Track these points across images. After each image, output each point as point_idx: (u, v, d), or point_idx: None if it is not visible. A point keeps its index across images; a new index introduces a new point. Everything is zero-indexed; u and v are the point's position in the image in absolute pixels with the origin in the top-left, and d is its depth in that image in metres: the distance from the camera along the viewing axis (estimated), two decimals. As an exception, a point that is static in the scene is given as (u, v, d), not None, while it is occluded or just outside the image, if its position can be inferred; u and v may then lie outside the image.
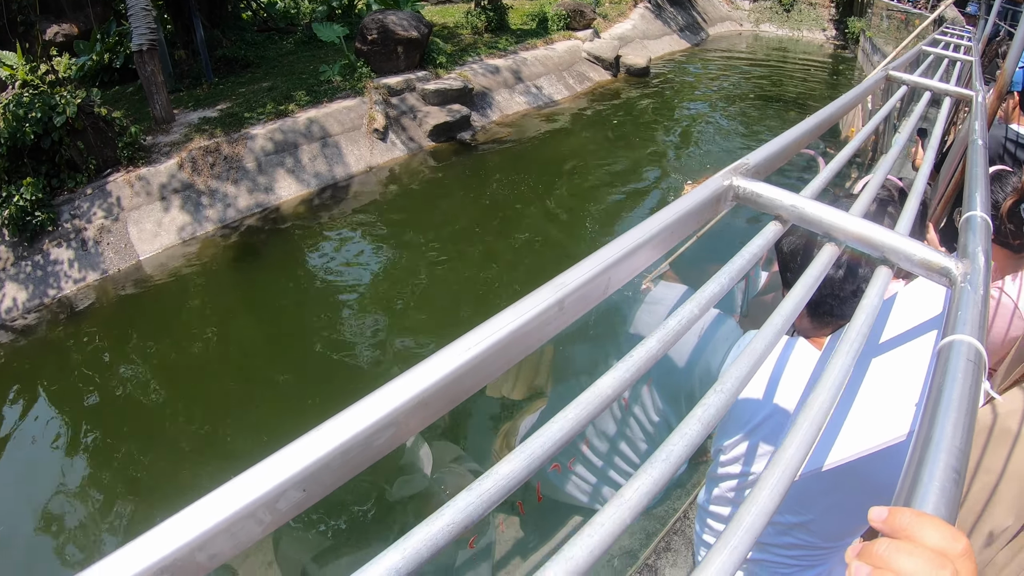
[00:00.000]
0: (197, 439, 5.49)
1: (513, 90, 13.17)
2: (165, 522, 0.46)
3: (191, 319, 7.24)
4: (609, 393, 0.61)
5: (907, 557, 0.51)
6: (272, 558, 2.20)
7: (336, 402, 3.20)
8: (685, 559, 2.24)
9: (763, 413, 1.55)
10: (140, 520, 4.76)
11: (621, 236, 0.78)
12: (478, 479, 0.52)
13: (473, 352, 0.58)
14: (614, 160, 10.70)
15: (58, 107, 7.98)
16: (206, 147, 9.07)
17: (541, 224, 8.65)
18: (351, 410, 0.53)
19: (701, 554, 2.00)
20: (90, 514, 4.87)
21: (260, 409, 5.75)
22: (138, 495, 4.99)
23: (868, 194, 1.23)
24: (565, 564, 0.48)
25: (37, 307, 7.38)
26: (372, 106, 10.76)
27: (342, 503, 2.22)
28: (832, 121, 1.61)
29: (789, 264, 1.59)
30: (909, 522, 0.53)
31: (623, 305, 2.25)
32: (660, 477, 0.55)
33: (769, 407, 1.52)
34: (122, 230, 8.15)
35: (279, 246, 8.37)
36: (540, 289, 0.66)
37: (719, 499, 1.80)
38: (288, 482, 0.49)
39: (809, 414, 0.67)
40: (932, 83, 2.52)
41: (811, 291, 0.88)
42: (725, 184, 1.01)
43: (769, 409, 1.53)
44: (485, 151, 11.09)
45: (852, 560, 0.55)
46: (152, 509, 4.84)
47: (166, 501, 4.84)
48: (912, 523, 0.52)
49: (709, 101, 14.65)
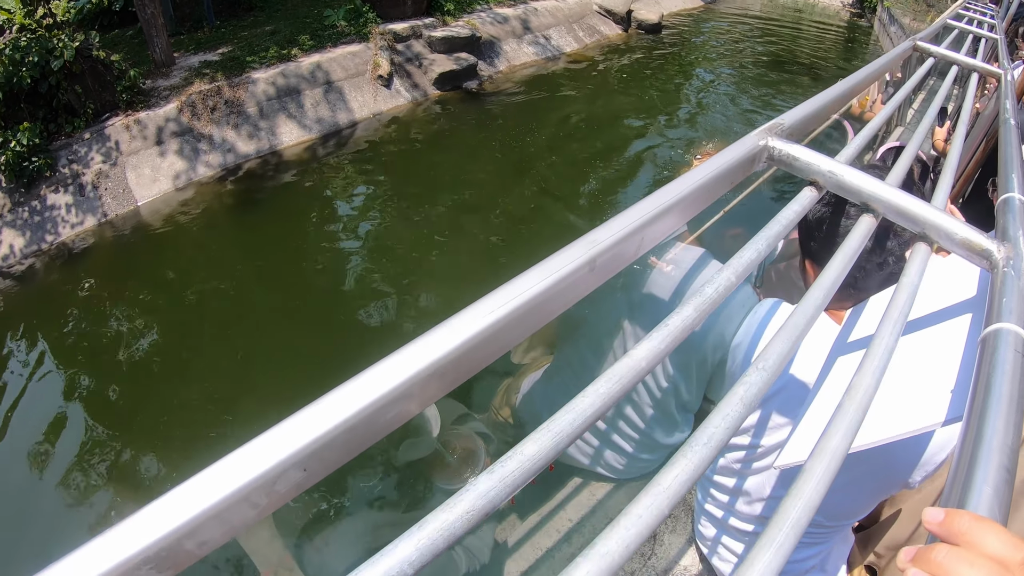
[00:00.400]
0: (193, 390, 5.45)
1: (521, 40, 12.91)
2: (148, 506, 0.41)
3: (189, 265, 7.15)
4: (644, 365, 0.56)
5: (968, 567, 0.47)
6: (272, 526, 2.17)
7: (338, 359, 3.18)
8: (684, 525, 2.22)
9: (777, 385, 1.51)
10: (129, 472, 4.76)
11: (654, 194, 0.73)
12: (500, 460, 0.47)
13: (496, 315, 0.52)
14: (622, 117, 10.52)
15: (56, 51, 7.79)
16: (206, 91, 8.90)
17: (547, 180, 8.52)
18: (357, 380, 0.47)
19: (701, 523, 1.98)
20: (80, 464, 4.85)
21: (258, 362, 5.69)
22: (131, 445, 4.96)
23: (903, 165, 1.17)
24: (599, 561, 0.42)
25: (35, 253, 7.32)
26: (377, 52, 10.54)
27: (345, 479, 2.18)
28: (862, 87, 1.56)
29: (814, 232, 1.53)
30: (968, 527, 0.49)
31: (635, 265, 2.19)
32: (701, 463, 0.50)
33: (783, 378, 1.48)
34: (120, 175, 8.03)
35: (280, 192, 8.25)
36: (570, 247, 0.60)
37: (724, 469, 1.77)
38: (287, 461, 0.44)
39: (855, 397, 0.63)
40: (960, 57, 2.46)
41: (850, 263, 0.84)
42: (760, 144, 0.95)
43: (783, 381, 1.48)
44: (491, 101, 10.88)
45: (907, 565, 0.51)
46: (147, 462, 4.83)
47: (161, 455, 4.83)
48: (971, 528, 0.49)
49: (720, 61, 14.38)
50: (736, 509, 1.77)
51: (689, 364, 2.11)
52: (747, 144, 0.93)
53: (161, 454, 4.83)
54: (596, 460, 2.45)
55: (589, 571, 0.42)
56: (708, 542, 1.96)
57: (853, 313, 1.28)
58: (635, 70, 12.82)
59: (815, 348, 1.40)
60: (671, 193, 0.73)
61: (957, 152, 1.45)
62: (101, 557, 0.38)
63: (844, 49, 16.43)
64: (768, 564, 0.46)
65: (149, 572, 0.40)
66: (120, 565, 0.38)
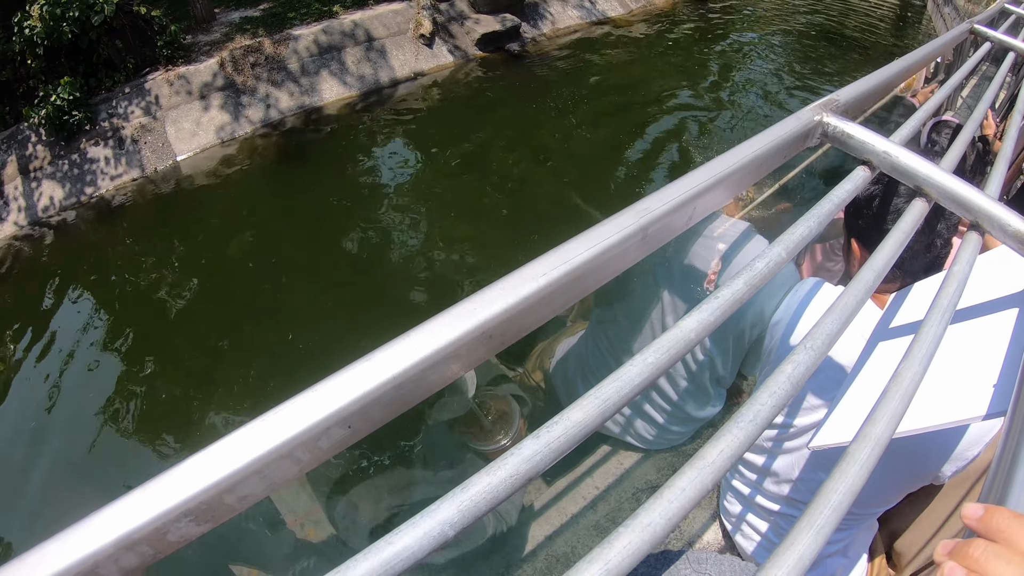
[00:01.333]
0: (230, 348, 5.54)
1: (567, 3, 12.71)
2: (188, 460, 0.41)
3: (229, 221, 7.22)
4: (692, 337, 0.55)
5: (1005, 564, 0.47)
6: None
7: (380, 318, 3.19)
8: (710, 500, 2.22)
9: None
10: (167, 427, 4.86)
11: (707, 164, 0.71)
12: (546, 425, 0.46)
13: (548, 278, 0.52)
14: (665, 87, 10.32)
15: (96, 6, 7.84)
16: (248, 46, 8.92)
17: (588, 148, 8.41)
18: (405, 339, 0.47)
19: (728, 499, 1.97)
20: (119, 417, 4.98)
21: (302, 319, 5.73)
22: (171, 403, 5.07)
23: (957, 150, 1.14)
24: (642, 532, 0.42)
25: (73, 205, 7.44)
26: (420, 10, 10.46)
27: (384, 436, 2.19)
28: (917, 68, 1.52)
29: (863, 211, 1.50)
30: (1008, 524, 0.49)
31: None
32: (747, 438, 0.49)
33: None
34: (160, 129, 8.11)
35: (321, 148, 8.28)
36: (622, 213, 0.59)
37: (755, 447, 1.76)
38: (332, 418, 0.44)
39: (901, 384, 0.62)
40: (1018, 44, 2.38)
41: (902, 247, 0.82)
42: (815, 119, 0.92)
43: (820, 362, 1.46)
44: (535, 64, 10.74)
45: (944, 559, 0.51)
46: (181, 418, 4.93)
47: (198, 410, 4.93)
48: (1011, 525, 0.49)
49: (769, 32, 14.04)
50: (763, 488, 1.77)
51: (726, 338, 2.10)
52: (802, 119, 0.91)
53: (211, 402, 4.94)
54: (626, 429, 2.45)
55: (631, 541, 0.41)
56: (733, 519, 1.95)
57: (896, 299, 1.26)
58: (681, 38, 12.57)
59: (855, 332, 1.38)
60: (724, 165, 0.72)
61: (1012, 142, 1.40)
62: (141, 508, 0.39)
63: (895, 28, 15.97)
64: (808, 546, 0.46)
65: (188, 524, 0.41)
66: (159, 517, 0.39)
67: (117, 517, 0.38)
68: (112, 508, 0.39)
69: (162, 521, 0.39)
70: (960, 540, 0.51)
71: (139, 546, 0.39)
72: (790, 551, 0.45)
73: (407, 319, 0.48)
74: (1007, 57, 2.42)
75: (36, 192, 7.45)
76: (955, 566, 0.49)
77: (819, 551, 0.46)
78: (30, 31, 7.59)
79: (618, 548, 0.41)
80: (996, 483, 0.54)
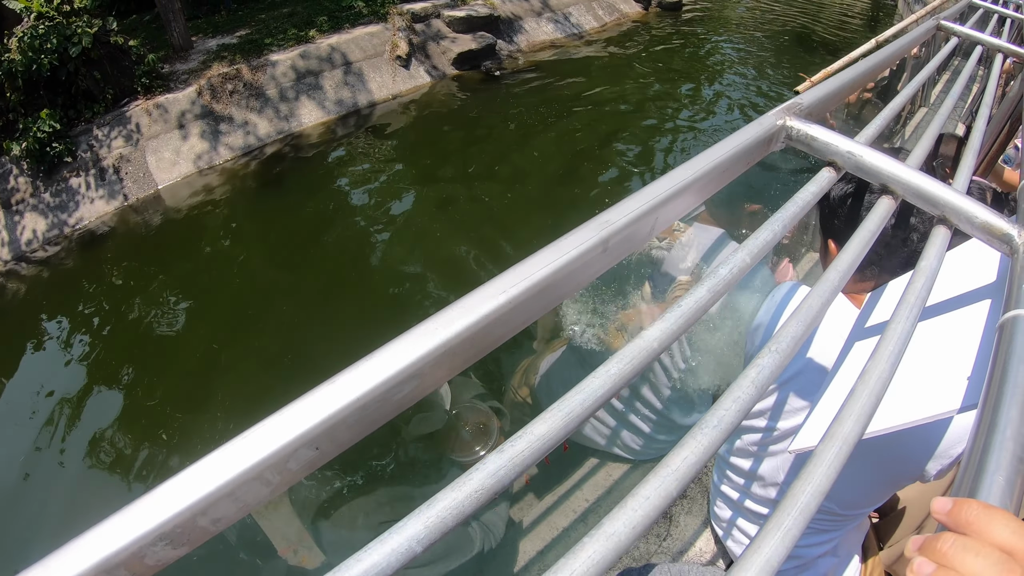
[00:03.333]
0: (217, 372, 5.52)
1: (540, 18, 12.80)
2: (163, 485, 0.42)
3: (211, 248, 7.20)
4: (656, 346, 0.55)
5: (974, 556, 0.46)
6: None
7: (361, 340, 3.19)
8: (701, 507, 2.23)
9: (794, 368, 1.50)
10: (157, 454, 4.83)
11: (668, 174, 0.72)
12: (510, 440, 0.47)
13: (508, 295, 0.52)
14: (640, 98, 10.41)
15: (74, 37, 7.86)
16: (225, 74, 8.93)
17: (565, 161, 8.46)
18: (369, 360, 0.47)
19: (717, 504, 1.98)
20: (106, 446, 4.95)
21: (282, 344, 5.73)
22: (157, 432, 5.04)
23: (924, 146, 1.15)
24: (606, 542, 0.42)
25: (56, 238, 7.41)
26: (396, 32, 10.52)
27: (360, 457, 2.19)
28: (883, 67, 1.53)
29: (836, 211, 1.51)
30: (976, 516, 0.48)
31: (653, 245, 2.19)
32: (711, 445, 0.50)
33: (801, 362, 1.47)
34: (140, 159, 8.10)
35: (301, 174, 8.29)
36: (582, 227, 0.60)
37: (741, 451, 1.77)
38: (299, 440, 0.44)
39: (868, 383, 0.62)
40: (985, 37, 2.41)
41: (868, 245, 0.83)
42: (778, 124, 0.94)
43: (801, 364, 1.47)
44: (511, 81, 10.81)
45: (913, 554, 0.50)
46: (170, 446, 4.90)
47: (185, 438, 4.90)
48: (980, 517, 0.48)
49: (740, 40, 14.20)
50: (751, 492, 1.77)
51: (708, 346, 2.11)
52: (764, 124, 0.92)
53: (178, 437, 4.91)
54: (613, 441, 2.46)
55: (595, 551, 0.42)
56: (723, 524, 1.96)
57: (872, 297, 1.27)
58: (654, 49, 12.70)
59: (834, 332, 1.39)
60: (685, 173, 0.73)
61: (980, 134, 1.42)
62: (118, 533, 0.39)
63: (867, 29, 16.15)
64: (775, 549, 0.45)
65: (164, 548, 0.41)
66: (136, 540, 0.39)
67: (95, 542, 0.39)
68: (91, 534, 0.39)
69: (139, 545, 0.39)
70: (929, 535, 0.50)
71: (117, 570, 0.39)
72: (757, 554, 0.45)
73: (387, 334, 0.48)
74: (975, 51, 2.45)
75: (19, 225, 7.40)
76: (924, 561, 0.48)
77: (787, 553, 0.46)
78: (8, 64, 7.59)
79: (583, 559, 0.41)
80: (967, 475, 0.54)
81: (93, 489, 4.66)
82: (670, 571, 0.83)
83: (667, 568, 0.84)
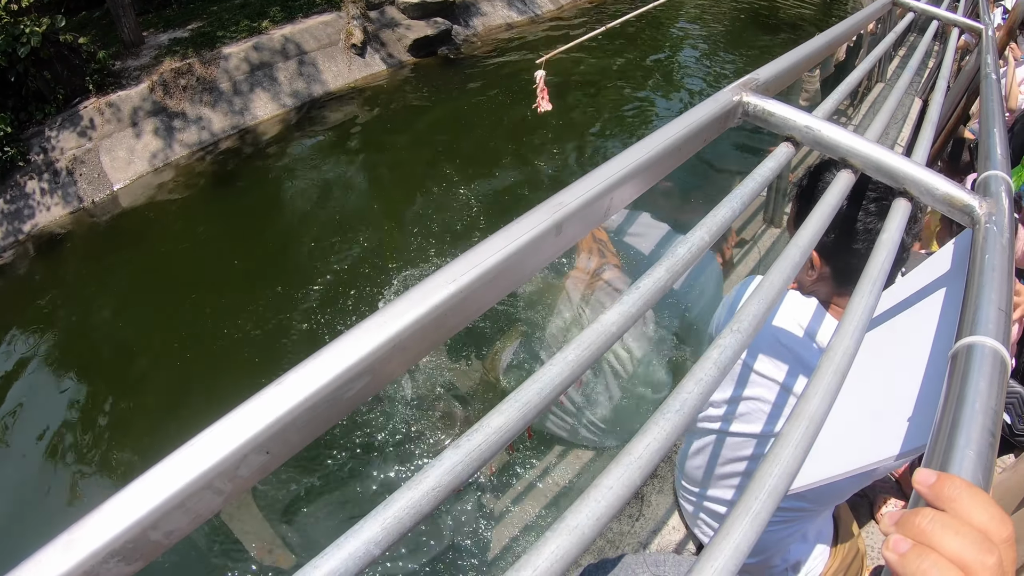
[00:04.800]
0: (177, 373, 5.44)
1: (496, 2, 12.73)
2: (110, 500, 0.40)
3: (170, 247, 7.09)
4: (614, 330, 0.54)
5: (953, 535, 0.45)
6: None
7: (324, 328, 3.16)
8: (671, 485, 2.23)
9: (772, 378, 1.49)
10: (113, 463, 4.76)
11: (623, 153, 0.71)
12: (466, 434, 0.45)
13: (459, 284, 0.50)
14: (600, 78, 10.42)
15: (22, 37, 7.65)
16: (178, 69, 8.76)
17: (525, 146, 8.43)
18: (317, 358, 0.46)
19: (682, 496, 1.97)
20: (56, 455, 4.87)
21: (242, 344, 5.66)
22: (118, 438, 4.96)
23: (883, 119, 1.16)
24: (570, 535, 0.41)
25: (13, 244, 7.25)
26: (350, 20, 10.38)
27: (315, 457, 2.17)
28: (839, 42, 1.54)
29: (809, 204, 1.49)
30: (958, 494, 0.47)
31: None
32: (674, 430, 0.49)
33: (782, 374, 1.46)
34: (95, 159, 7.93)
35: (256, 168, 8.18)
36: (535, 210, 0.58)
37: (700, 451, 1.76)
38: (248, 445, 0.42)
39: (834, 360, 0.62)
40: (940, 12, 2.44)
41: (829, 220, 0.83)
42: (734, 100, 0.93)
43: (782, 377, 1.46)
44: (468, 65, 10.74)
45: (890, 529, 0.49)
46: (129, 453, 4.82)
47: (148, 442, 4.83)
48: (961, 495, 0.47)
49: (699, 18, 14.24)
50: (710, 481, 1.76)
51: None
52: (720, 100, 0.91)
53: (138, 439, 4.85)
54: (574, 435, 2.47)
55: (559, 546, 0.41)
56: (690, 514, 1.96)
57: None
58: (612, 31, 12.68)
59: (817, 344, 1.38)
60: (639, 152, 0.72)
61: (937, 107, 1.44)
62: (67, 553, 0.38)
63: (823, 6, 16.28)
64: (744, 533, 0.45)
65: (118, 564, 0.39)
66: (87, 560, 0.38)
67: (44, 563, 0.37)
68: (40, 555, 0.37)
69: (91, 564, 0.38)
70: (907, 510, 0.50)
71: (73, 590, 0.37)
72: (726, 539, 0.44)
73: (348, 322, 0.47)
74: (930, 26, 2.48)
75: (-28, 233, 7.23)
76: (900, 538, 0.47)
77: (756, 537, 0.45)
78: (-43, 68, 7.37)
79: (546, 554, 0.40)
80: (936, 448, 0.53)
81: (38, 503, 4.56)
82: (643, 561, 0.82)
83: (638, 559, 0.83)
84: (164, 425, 4.85)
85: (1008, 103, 3.99)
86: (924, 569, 0.44)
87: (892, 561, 0.46)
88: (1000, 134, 1.15)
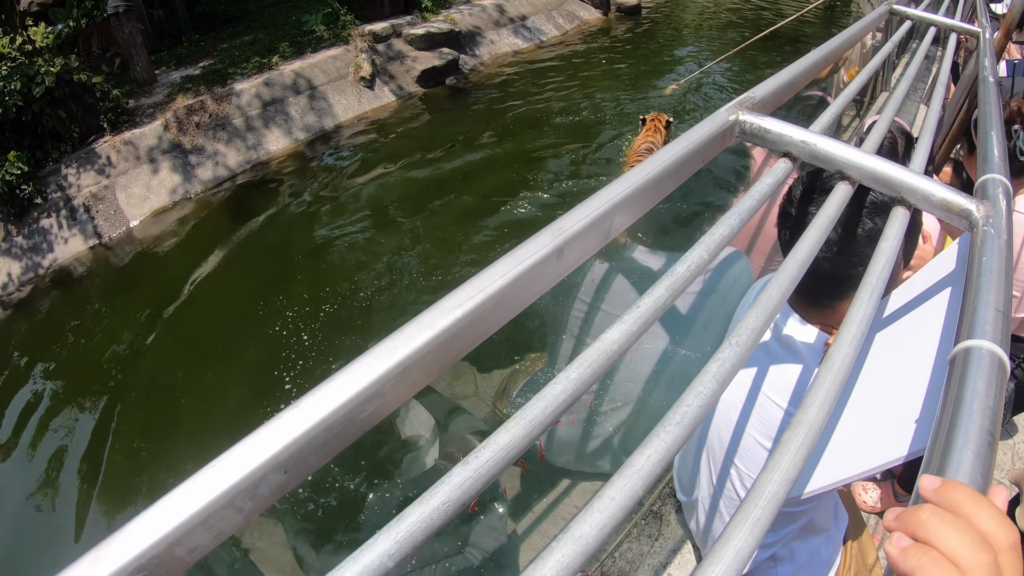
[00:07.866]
0: (202, 405, 5.45)
1: (502, 30, 12.86)
2: (136, 519, 0.42)
3: (186, 282, 7.11)
4: (615, 348, 0.56)
5: (953, 532, 0.45)
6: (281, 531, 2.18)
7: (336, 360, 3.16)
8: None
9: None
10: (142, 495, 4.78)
11: (622, 177, 0.73)
12: (474, 451, 0.47)
13: (464, 309, 0.52)
14: (605, 102, 10.45)
15: (37, 77, 7.76)
16: (190, 106, 8.87)
17: (536, 172, 8.45)
18: (331, 382, 0.48)
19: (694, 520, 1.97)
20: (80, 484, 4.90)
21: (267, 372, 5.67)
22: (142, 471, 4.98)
23: (879, 130, 1.17)
24: (574, 544, 0.43)
25: (31, 280, 7.32)
26: (358, 54, 10.51)
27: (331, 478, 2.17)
28: (837, 54, 1.55)
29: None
30: (964, 500, 0.47)
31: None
32: (674, 442, 0.50)
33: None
34: (111, 196, 8.02)
35: (272, 202, 8.21)
36: (536, 236, 0.60)
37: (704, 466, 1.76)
38: (267, 465, 0.45)
39: (832, 368, 0.63)
40: (937, 18, 2.46)
41: (827, 232, 0.83)
42: (731, 119, 0.95)
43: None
44: (476, 94, 10.80)
45: (892, 525, 0.50)
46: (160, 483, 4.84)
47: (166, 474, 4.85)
48: (967, 502, 0.47)
49: (698, 39, 14.34)
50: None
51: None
52: (716, 120, 0.93)
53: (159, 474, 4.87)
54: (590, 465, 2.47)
55: (564, 555, 0.42)
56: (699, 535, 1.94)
57: None
58: (616, 53, 12.78)
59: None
60: (638, 175, 0.74)
61: (936, 114, 1.44)
62: (95, 568, 0.39)
63: (825, 19, 16.36)
64: (744, 540, 0.46)
65: (144, 580, 0.41)
66: (115, 574, 0.39)
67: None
68: (69, 571, 0.39)
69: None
70: (907, 508, 0.50)
71: (99, 605, 0.39)
72: (726, 546, 0.46)
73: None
74: (928, 32, 2.49)
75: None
76: (902, 536, 0.48)
77: (757, 544, 0.46)
78: (-27, 108, 7.51)
79: (551, 563, 0.42)
80: (935, 450, 0.53)
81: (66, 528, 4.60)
82: None
83: None
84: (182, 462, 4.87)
85: None
86: (923, 564, 0.45)
87: (893, 555, 0.47)
88: (997, 137, 1.16)
